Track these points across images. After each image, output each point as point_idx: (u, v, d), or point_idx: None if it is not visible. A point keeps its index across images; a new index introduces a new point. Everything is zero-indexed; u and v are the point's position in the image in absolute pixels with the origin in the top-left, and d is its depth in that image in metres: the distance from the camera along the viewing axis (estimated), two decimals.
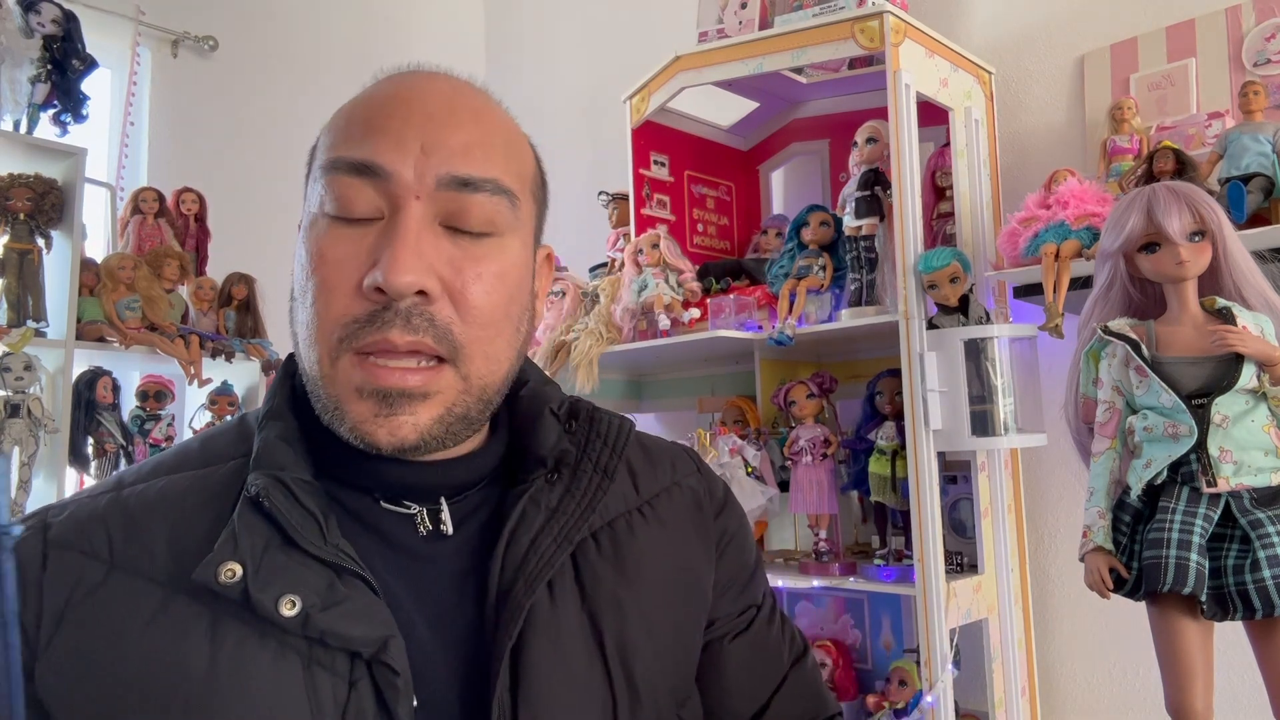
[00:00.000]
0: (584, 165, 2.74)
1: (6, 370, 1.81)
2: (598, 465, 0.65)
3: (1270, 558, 1.12)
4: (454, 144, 0.58)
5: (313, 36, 2.87)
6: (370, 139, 0.57)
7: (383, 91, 0.60)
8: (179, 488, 0.59)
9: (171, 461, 0.62)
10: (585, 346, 2.05)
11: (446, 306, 0.57)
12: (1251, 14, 1.71)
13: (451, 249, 0.57)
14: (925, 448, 1.63)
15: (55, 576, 0.55)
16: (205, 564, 0.53)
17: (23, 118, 1.95)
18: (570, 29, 3.06)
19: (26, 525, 0.58)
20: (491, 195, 0.58)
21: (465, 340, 0.57)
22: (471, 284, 0.57)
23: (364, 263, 0.56)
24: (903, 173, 1.67)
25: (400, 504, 0.61)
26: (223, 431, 0.65)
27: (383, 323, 0.55)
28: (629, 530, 0.66)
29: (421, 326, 0.55)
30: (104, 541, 0.56)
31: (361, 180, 0.56)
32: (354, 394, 0.56)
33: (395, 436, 0.56)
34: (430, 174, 0.56)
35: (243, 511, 0.56)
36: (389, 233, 0.56)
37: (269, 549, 0.54)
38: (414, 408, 0.56)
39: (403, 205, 0.56)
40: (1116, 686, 1.84)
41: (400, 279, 0.54)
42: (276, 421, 0.60)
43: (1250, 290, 1.24)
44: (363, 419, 0.56)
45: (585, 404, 0.69)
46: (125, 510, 0.58)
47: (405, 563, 0.59)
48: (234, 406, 2.20)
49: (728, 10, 1.97)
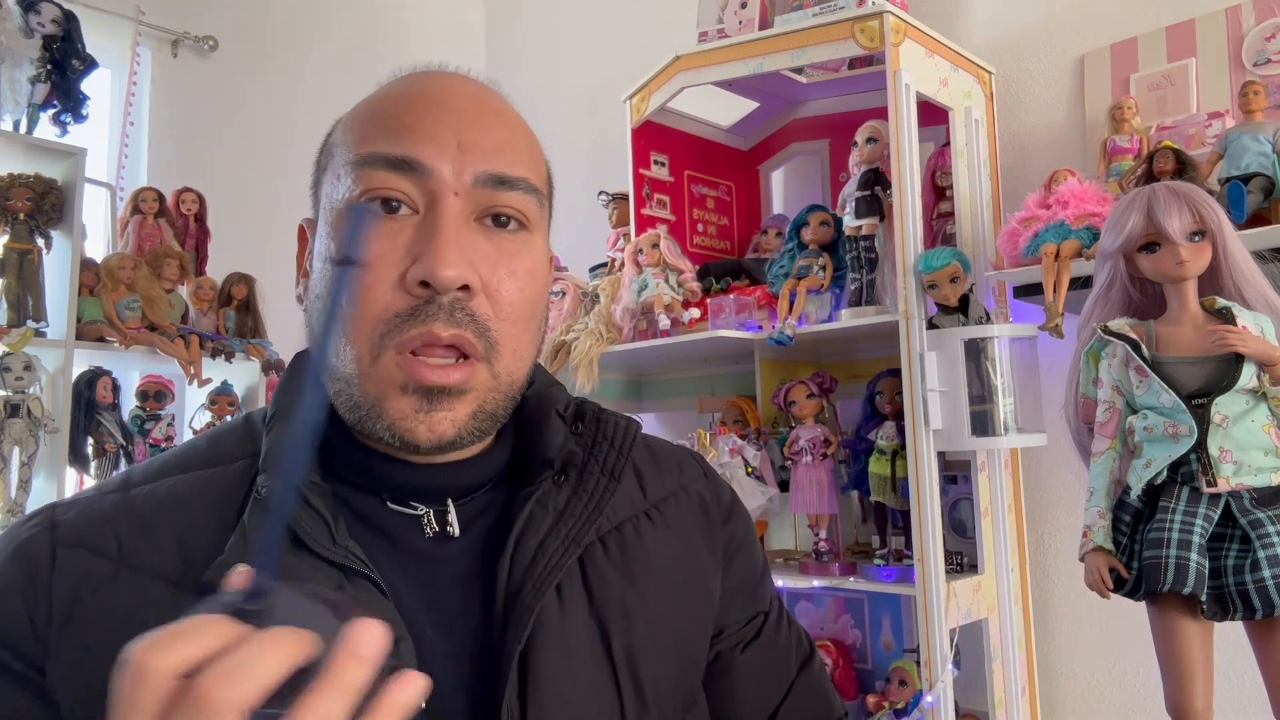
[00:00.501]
0: (584, 165, 2.74)
1: (6, 370, 1.81)
2: (604, 467, 0.65)
3: (1270, 558, 1.12)
4: (488, 143, 0.58)
5: (312, 36, 2.87)
6: (406, 135, 0.57)
7: (411, 88, 0.61)
8: (187, 488, 0.59)
9: (178, 461, 0.62)
10: (585, 346, 2.05)
11: (484, 302, 0.57)
12: (1251, 14, 1.71)
13: (487, 246, 0.58)
14: (925, 448, 1.63)
15: (63, 574, 0.55)
16: (216, 565, 0.53)
17: (23, 118, 1.95)
18: (570, 29, 3.06)
19: (33, 523, 0.58)
20: (524, 193, 0.60)
21: (499, 336, 0.58)
22: (506, 280, 0.58)
23: (402, 257, 0.56)
24: (903, 173, 1.67)
25: (407, 505, 0.61)
26: (229, 431, 0.65)
27: (426, 316, 0.55)
28: (636, 534, 0.66)
29: (463, 320, 0.56)
30: (112, 540, 0.56)
31: (399, 175, 0.57)
32: (396, 391, 0.56)
33: (434, 433, 0.56)
34: (468, 171, 0.57)
35: (252, 513, 0.56)
36: (429, 227, 0.56)
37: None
38: (452, 404, 0.57)
39: (441, 201, 0.56)
40: (1116, 686, 1.84)
41: (447, 272, 0.54)
42: (284, 423, 0.60)
43: (1250, 290, 1.24)
44: (403, 415, 0.56)
45: (592, 405, 0.69)
46: (133, 510, 0.58)
47: (412, 564, 0.60)
48: (234, 406, 2.20)
49: (728, 10, 1.97)
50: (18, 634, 0.53)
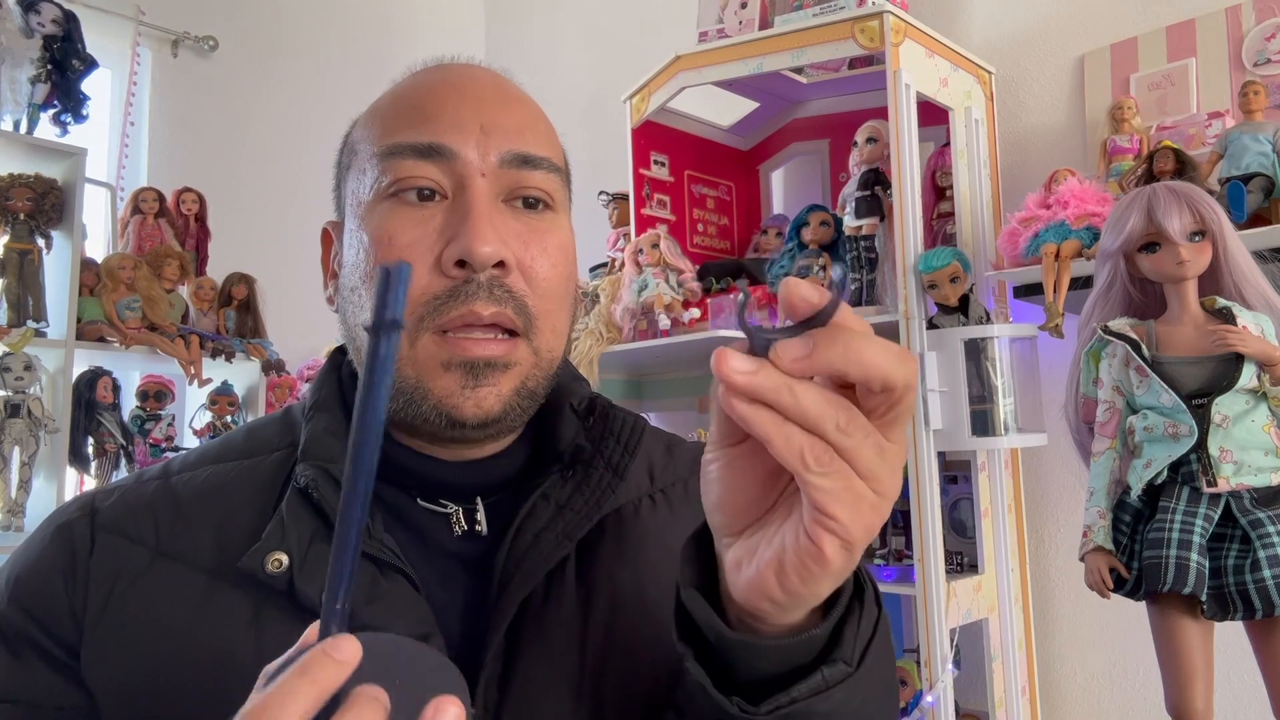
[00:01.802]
0: (584, 165, 2.72)
1: (7, 370, 1.81)
2: (609, 463, 0.65)
3: (1270, 557, 1.12)
4: (510, 125, 0.60)
5: (313, 36, 2.87)
6: (430, 123, 0.58)
7: (430, 79, 0.62)
8: (225, 477, 0.60)
9: (217, 451, 0.63)
10: (585, 346, 2.05)
11: (520, 279, 0.58)
12: (1251, 14, 1.71)
13: (516, 224, 0.59)
14: (925, 448, 1.63)
15: (101, 561, 0.56)
16: (253, 552, 0.54)
17: (23, 118, 1.95)
18: (570, 29, 3.06)
19: (75, 507, 0.59)
20: (549, 172, 0.61)
21: (537, 312, 0.59)
22: (539, 257, 0.59)
23: (436, 241, 0.57)
24: (903, 173, 1.67)
25: (437, 503, 0.61)
26: (268, 423, 0.66)
27: (466, 295, 0.56)
28: (635, 514, 0.66)
29: (503, 297, 0.56)
30: (150, 528, 0.57)
31: (427, 163, 0.57)
32: (438, 369, 0.56)
33: (481, 408, 0.57)
34: (493, 152, 0.58)
35: (290, 502, 0.56)
36: (460, 209, 0.57)
37: (314, 541, 0.55)
38: (496, 378, 0.57)
39: (469, 183, 0.57)
40: (1116, 686, 1.84)
41: (483, 248, 0.55)
42: (324, 414, 0.61)
43: (1250, 290, 1.25)
44: (449, 392, 0.56)
45: (602, 400, 0.69)
46: (172, 497, 0.59)
47: (441, 561, 0.60)
48: (234, 406, 2.20)
49: (728, 10, 1.97)
50: (56, 615, 0.54)
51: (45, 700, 0.53)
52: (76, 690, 0.53)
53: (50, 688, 0.54)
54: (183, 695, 0.52)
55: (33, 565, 0.57)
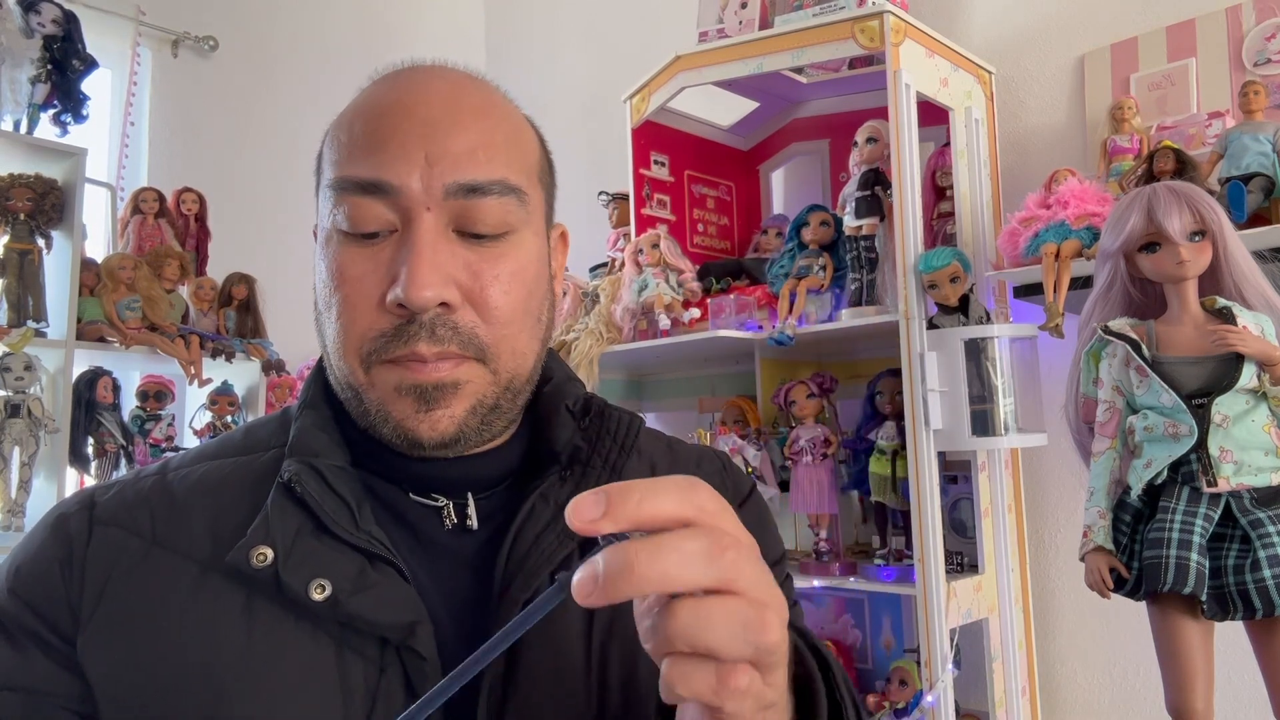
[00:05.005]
0: (584, 165, 2.74)
1: (7, 370, 1.81)
2: (606, 462, 0.65)
3: (1270, 557, 1.12)
4: (458, 150, 0.58)
5: (313, 36, 2.87)
6: (374, 155, 0.57)
7: (382, 99, 0.60)
8: (221, 472, 0.61)
9: (214, 449, 0.65)
10: (585, 346, 2.05)
11: (469, 313, 0.58)
12: (1251, 14, 1.71)
13: (467, 254, 0.58)
14: (925, 448, 1.63)
15: (98, 552, 0.57)
16: (238, 548, 0.55)
17: (23, 118, 1.95)
18: (570, 29, 3.06)
19: (74, 501, 0.60)
20: (500, 197, 0.59)
21: (490, 340, 0.58)
22: (490, 286, 0.58)
23: (383, 278, 0.57)
24: (903, 173, 1.67)
25: (429, 497, 0.62)
26: (266, 422, 0.67)
27: (409, 336, 0.56)
28: None
29: (446, 336, 0.56)
30: (147, 519, 0.58)
31: (370, 199, 0.57)
32: (394, 394, 0.57)
33: (435, 431, 0.57)
34: (437, 183, 0.57)
35: (276, 497, 0.57)
36: (404, 247, 0.56)
37: (300, 534, 0.56)
38: (448, 401, 0.57)
39: (414, 218, 0.57)
40: (1116, 686, 1.84)
41: (420, 294, 0.55)
42: (312, 410, 0.62)
43: (1250, 290, 1.25)
44: (405, 416, 0.57)
45: (598, 400, 0.70)
46: (168, 491, 0.60)
47: (430, 553, 0.61)
48: (234, 406, 2.20)
49: (728, 10, 1.97)
50: (53, 604, 0.55)
51: (44, 688, 0.54)
52: (74, 678, 0.54)
53: (49, 676, 0.55)
54: (176, 682, 0.53)
55: (32, 556, 0.58)
